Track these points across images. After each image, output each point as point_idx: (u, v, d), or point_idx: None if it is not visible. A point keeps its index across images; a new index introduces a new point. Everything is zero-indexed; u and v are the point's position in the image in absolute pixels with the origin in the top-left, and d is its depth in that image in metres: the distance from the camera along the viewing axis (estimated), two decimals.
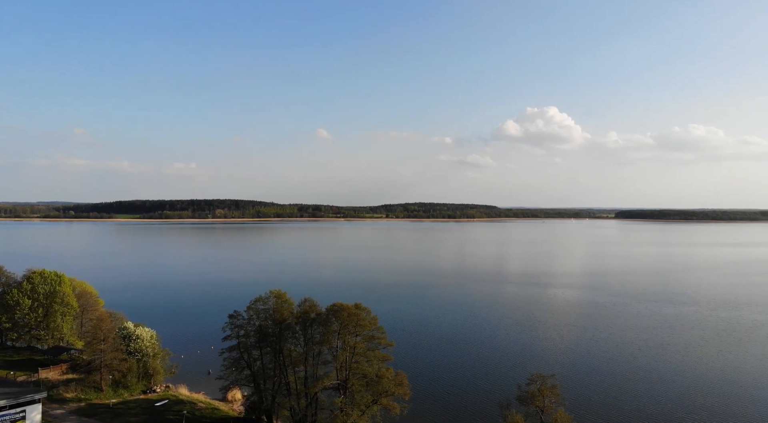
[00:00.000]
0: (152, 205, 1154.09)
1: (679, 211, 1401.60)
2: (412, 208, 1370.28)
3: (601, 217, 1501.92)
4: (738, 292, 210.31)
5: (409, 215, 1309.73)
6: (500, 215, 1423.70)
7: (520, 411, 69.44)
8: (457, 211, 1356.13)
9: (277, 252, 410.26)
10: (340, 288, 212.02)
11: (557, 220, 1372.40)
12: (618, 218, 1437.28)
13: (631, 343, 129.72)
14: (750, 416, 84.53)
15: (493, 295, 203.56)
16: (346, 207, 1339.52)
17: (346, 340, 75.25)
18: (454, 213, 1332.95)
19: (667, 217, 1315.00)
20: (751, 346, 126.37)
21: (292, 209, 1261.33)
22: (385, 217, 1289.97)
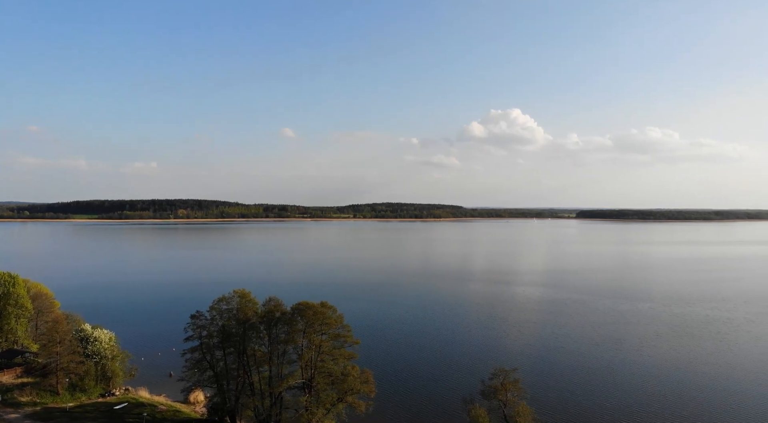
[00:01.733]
0: (111, 205, 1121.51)
1: (637, 210, 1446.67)
2: (380, 208, 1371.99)
3: (563, 217, 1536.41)
4: (691, 288, 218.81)
5: (376, 215, 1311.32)
6: (466, 215, 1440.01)
7: (483, 405, 70.63)
8: (424, 211, 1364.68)
9: (242, 252, 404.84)
10: (305, 287, 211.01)
11: (521, 219, 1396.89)
12: (579, 218, 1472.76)
13: (589, 339, 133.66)
14: (701, 406, 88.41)
15: (458, 293, 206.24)
16: (312, 207, 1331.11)
17: (311, 338, 75.15)
18: (420, 213, 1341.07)
19: (625, 217, 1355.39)
20: (703, 341, 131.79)
21: (258, 209, 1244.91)
22: (353, 217, 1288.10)
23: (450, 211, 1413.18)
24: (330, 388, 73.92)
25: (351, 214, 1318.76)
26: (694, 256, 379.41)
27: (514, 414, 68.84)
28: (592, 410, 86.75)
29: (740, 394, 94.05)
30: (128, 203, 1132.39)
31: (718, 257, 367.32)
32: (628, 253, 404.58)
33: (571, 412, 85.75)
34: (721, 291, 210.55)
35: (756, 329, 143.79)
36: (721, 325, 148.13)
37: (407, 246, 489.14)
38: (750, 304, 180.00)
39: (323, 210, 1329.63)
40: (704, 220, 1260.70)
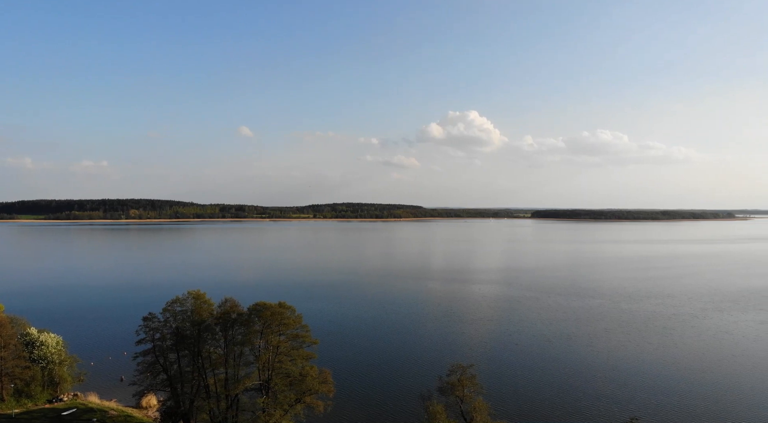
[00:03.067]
0: (59, 205, 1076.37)
1: (589, 210, 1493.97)
2: (340, 209, 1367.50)
3: (519, 217, 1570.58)
4: (639, 285, 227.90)
5: (336, 215, 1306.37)
6: (426, 215, 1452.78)
7: (441, 401, 71.43)
8: (385, 211, 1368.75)
9: (197, 253, 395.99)
10: (263, 288, 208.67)
11: (478, 219, 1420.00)
12: (534, 218, 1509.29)
13: (542, 335, 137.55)
14: (647, 398, 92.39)
15: (416, 292, 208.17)
16: (271, 207, 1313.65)
17: (269, 339, 74.36)
18: (381, 213, 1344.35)
19: (578, 217, 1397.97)
20: (649, 336, 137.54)
21: (213, 209, 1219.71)
22: (313, 218, 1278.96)
23: (410, 211, 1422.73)
24: (288, 389, 73.35)
25: (311, 215, 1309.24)
26: (641, 254, 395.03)
27: (471, 409, 69.89)
28: (545, 403, 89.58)
29: (684, 386, 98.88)
30: (77, 203, 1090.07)
31: (664, 255, 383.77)
32: (579, 252, 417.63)
33: (525, 406, 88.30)
34: (666, 288, 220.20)
35: (699, 324, 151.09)
36: (667, 321, 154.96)
37: (367, 246, 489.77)
38: (694, 300, 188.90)
39: (282, 210, 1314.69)
40: (652, 220, 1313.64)
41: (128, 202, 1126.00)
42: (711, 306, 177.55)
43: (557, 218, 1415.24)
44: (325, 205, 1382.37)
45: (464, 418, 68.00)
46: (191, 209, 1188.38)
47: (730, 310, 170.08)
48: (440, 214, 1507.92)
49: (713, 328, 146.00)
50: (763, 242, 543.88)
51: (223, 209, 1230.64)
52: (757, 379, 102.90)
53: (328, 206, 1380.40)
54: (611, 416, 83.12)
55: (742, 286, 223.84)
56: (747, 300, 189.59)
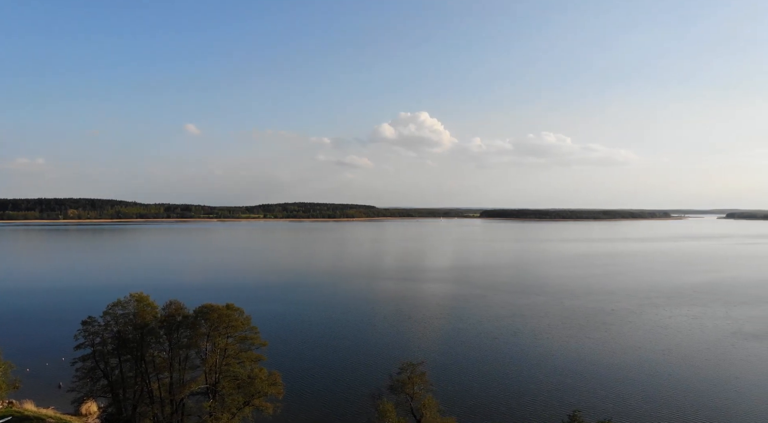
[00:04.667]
0: None
1: (535, 210, 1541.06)
2: (292, 208, 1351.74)
3: (468, 217, 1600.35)
4: (580, 282, 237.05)
5: (288, 215, 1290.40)
6: (378, 215, 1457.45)
7: (391, 399, 71.95)
8: (337, 210, 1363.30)
9: (140, 254, 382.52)
10: (210, 290, 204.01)
11: (430, 219, 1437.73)
12: (483, 217, 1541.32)
13: (488, 332, 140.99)
14: (587, 392, 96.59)
15: (368, 291, 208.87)
16: (219, 207, 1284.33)
17: (216, 342, 72.92)
18: (334, 213, 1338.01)
19: (524, 216, 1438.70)
20: (590, 331, 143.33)
21: (158, 209, 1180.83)
22: (263, 218, 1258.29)
23: (363, 211, 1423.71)
24: (236, 392, 72.21)
25: (261, 215, 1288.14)
26: (583, 252, 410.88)
27: (420, 406, 70.76)
28: (491, 398, 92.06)
29: (623, 378, 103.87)
30: (11, 202, 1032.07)
31: (604, 253, 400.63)
32: (525, 250, 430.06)
33: (472, 402, 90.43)
34: (606, 284, 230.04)
35: (636, 319, 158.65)
36: (606, 316, 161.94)
37: (319, 246, 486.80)
38: (631, 297, 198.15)
39: (231, 210, 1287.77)
40: (594, 219, 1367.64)
41: (66, 201, 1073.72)
42: (647, 302, 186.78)
43: (505, 218, 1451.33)
44: (276, 205, 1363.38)
45: (414, 416, 68.80)
46: (134, 209, 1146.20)
47: (665, 306, 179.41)
48: (393, 214, 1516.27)
49: (649, 322, 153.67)
50: (695, 240, 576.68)
51: (168, 209, 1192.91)
52: (689, 370, 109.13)
53: (279, 206, 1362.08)
54: (553, 409, 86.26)
55: (675, 283, 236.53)
56: (680, 296, 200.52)
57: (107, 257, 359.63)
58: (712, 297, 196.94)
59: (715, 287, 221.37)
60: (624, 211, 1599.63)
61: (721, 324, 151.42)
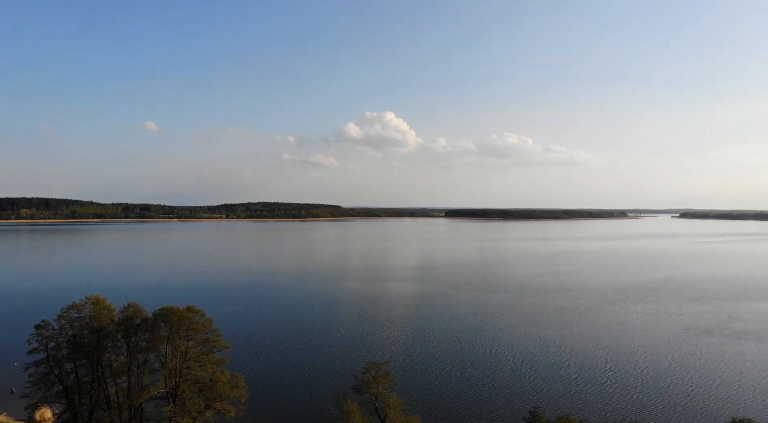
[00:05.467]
0: None
1: (498, 210, 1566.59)
2: (255, 208, 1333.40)
3: (433, 216, 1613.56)
4: (541, 280, 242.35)
5: (251, 215, 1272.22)
6: (344, 215, 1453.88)
7: (356, 399, 72.01)
8: (302, 210, 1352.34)
9: (97, 256, 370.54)
10: (170, 292, 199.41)
11: (395, 218, 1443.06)
12: (447, 217, 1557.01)
13: (451, 330, 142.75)
14: (547, 389, 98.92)
15: (332, 291, 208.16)
16: (180, 207, 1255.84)
17: (176, 345, 71.54)
18: (299, 212, 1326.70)
19: (488, 216, 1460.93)
20: (550, 328, 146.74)
21: (116, 209, 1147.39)
22: (225, 218, 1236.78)
23: (328, 211, 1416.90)
24: (197, 396, 70.94)
25: (224, 215, 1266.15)
26: (544, 251, 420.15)
27: (384, 406, 70.99)
28: (453, 397, 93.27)
29: (581, 375, 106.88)
30: None
31: (564, 252, 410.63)
32: (488, 249, 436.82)
33: (435, 400, 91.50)
34: (566, 282, 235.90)
35: (594, 316, 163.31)
36: (566, 314, 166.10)
37: (283, 246, 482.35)
38: (589, 294, 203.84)
39: (192, 210, 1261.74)
40: (554, 219, 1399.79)
41: (18, 200, 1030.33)
42: (604, 299, 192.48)
43: (469, 217, 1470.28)
44: (239, 205, 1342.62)
45: (378, 416, 69.02)
46: (90, 209, 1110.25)
47: (621, 303, 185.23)
48: (359, 214, 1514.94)
49: (606, 319, 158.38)
50: (650, 239, 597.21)
51: (126, 209, 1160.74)
52: (644, 365, 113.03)
53: (243, 206, 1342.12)
54: (515, 406, 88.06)
55: (631, 280, 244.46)
56: (636, 293, 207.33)
57: (62, 259, 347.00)
58: (666, 294, 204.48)
59: (668, 284, 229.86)
60: (583, 211, 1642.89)
61: (674, 320, 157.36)
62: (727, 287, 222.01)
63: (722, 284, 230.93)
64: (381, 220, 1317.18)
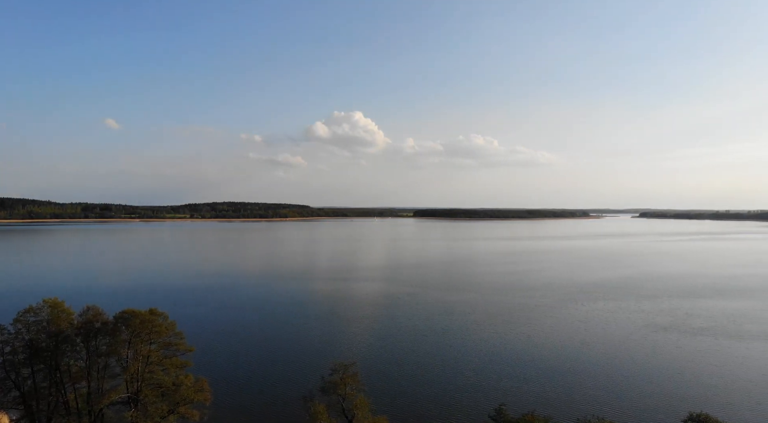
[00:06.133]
0: None
1: (465, 210, 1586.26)
2: (221, 208, 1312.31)
3: (402, 216, 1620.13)
4: (506, 279, 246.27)
5: (217, 215, 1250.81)
6: (313, 215, 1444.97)
7: (323, 401, 71.85)
8: (270, 210, 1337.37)
9: (55, 258, 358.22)
10: (132, 294, 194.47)
11: (364, 218, 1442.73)
12: (415, 217, 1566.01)
13: (418, 330, 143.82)
14: (512, 387, 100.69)
15: (299, 292, 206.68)
16: (142, 207, 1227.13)
17: (138, 349, 70.08)
18: (266, 212, 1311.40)
19: (455, 216, 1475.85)
20: (515, 326, 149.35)
21: (75, 209, 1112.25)
22: (190, 218, 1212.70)
23: (296, 211, 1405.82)
24: (160, 400, 69.63)
25: (188, 215, 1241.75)
26: (508, 250, 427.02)
27: (352, 407, 71.08)
28: (420, 396, 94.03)
29: (545, 372, 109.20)
30: None
31: (529, 251, 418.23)
32: (455, 248, 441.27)
33: (403, 399, 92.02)
34: (530, 281, 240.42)
35: (558, 314, 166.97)
36: (530, 312, 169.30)
37: (249, 247, 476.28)
38: (553, 292, 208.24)
39: (155, 210, 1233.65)
40: (519, 219, 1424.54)
41: None
42: (567, 297, 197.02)
43: (437, 217, 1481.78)
44: (203, 205, 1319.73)
45: (346, 416, 69.07)
46: (48, 209, 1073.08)
47: (583, 301, 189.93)
48: (327, 214, 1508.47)
49: (569, 317, 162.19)
50: (611, 238, 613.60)
51: (85, 209, 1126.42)
52: (605, 362, 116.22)
53: (208, 205, 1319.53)
54: (481, 404, 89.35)
55: (593, 278, 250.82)
56: (598, 291, 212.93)
57: (18, 261, 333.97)
58: (625, 292, 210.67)
59: (628, 282, 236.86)
60: (547, 211, 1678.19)
61: (634, 317, 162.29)
62: (684, 285, 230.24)
63: (679, 282, 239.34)
64: (350, 220, 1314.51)
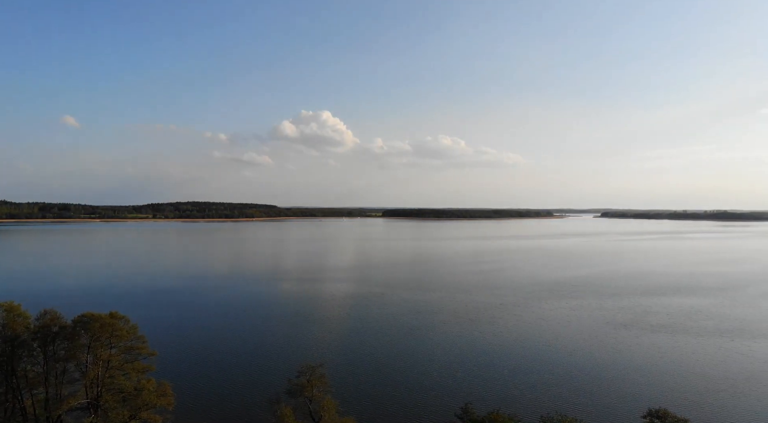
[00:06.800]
0: None
1: (433, 209, 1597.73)
2: (185, 208, 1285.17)
3: (371, 216, 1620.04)
4: (472, 278, 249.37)
5: (180, 215, 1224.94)
6: (280, 214, 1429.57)
7: (290, 403, 71.43)
8: (235, 210, 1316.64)
9: (10, 259, 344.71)
10: (91, 297, 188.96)
11: (333, 218, 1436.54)
12: (385, 217, 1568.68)
13: (386, 330, 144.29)
14: (476, 387, 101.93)
15: (265, 293, 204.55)
16: (103, 206, 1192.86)
17: (98, 353, 68.27)
18: (231, 212, 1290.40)
19: (423, 216, 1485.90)
20: (480, 325, 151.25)
21: (32, 209, 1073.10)
22: (152, 218, 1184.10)
23: (263, 211, 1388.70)
24: (121, 406, 67.96)
25: (150, 215, 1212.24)
26: (475, 249, 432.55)
27: (319, 408, 70.89)
28: (386, 397, 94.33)
29: (508, 371, 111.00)
30: None
31: (494, 250, 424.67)
32: (423, 248, 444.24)
33: (370, 400, 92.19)
34: (495, 280, 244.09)
35: (522, 312, 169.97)
36: (495, 310, 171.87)
37: (215, 247, 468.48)
38: (517, 291, 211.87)
39: (116, 210, 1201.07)
40: (485, 218, 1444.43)
41: None
42: (531, 295, 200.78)
43: (405, 217, 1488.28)
44: (166, 205, 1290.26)
45: (313, 419, 68.90)
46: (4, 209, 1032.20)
47: (547, 299, 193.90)
48: (295, 214, 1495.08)
49: (533, 315, 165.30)
50: (574, 237, 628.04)
51: (43, 209, 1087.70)
52: (568, 359, 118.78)
53: (171, 205, 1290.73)
54: (448, 403, 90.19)
55: (556, 277, 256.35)
56: (561, 289, 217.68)
57: None
58: (588, 290, 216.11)
59: (590, 281, 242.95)
60: (512, 211, 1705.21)
61: (596, 315, 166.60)
62: (643, 283, 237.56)
63: (639, 280, 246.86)
64: (318, 220, 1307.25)
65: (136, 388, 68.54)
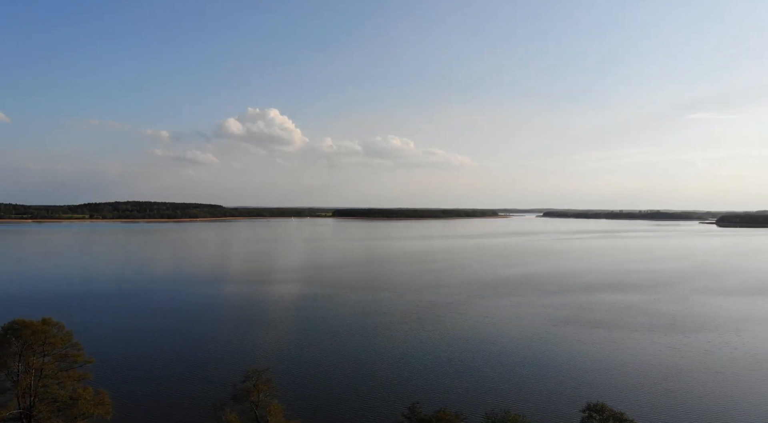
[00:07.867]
0: None
1: (382, 209, 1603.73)
2: (124, 208, 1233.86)
3: (321, 216, 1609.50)
4: (420, 278, 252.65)
5: (119, 216, 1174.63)
6: (225, 215, 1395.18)
7: (235, 409, 70.38)
8: (178, 210, 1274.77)
9: None
10: (23, 303, 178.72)
11: (281, 218, 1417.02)
12: (335, 217, 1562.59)
13: (333, 331, 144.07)
14: (424, 385, 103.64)
15: (209, 296, 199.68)
16: (35, 206, 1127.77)
17: (30, 362, 65.11)
18: (174, 213, 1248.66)
19: (373, 216, 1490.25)
20: (427, 324, 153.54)
21: None
22: (89, 219, 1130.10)
23: (208, 211, 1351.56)
24: (55, 416, 65.05)
25: (87, 215, 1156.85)
26: (424, 249, 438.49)
27: (266, 413, 70.22)
28: (334, 399, 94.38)
29: (455, 368, 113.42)
30: None
31: (442, 249, 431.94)
32: (372, 248, 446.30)
33: (317, 403, 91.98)
34: (442, 279, 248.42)
35: (467, 310, 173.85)
36: (441, 309, 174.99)
37: (155, 249, 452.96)
38: (463, 289, 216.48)
39: (50, 210, 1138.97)
40: (434, 218, 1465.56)
41: None
42: (476, 294, 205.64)
43: (355, 217, 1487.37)
44: (104, 204, 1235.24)
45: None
46: None
47: (491, 297, 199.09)
48: (241, 214, 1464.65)
49: (478, 313, 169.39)
50: (517, 236, 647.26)
51: None
52: (512, 355, 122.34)
53: (109, 205, 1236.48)
54: (394, 404, 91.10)
55: (500, 275, 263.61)
56: (504, 287, 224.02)
57: None
58: (530, 287, 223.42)
59: (532, 279, 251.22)
60: (459, 211, 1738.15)
61: (538, 311, 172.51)
62: (582, 280, 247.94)
63: (578, 277, 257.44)
64: (266, 220, 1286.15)
65: (72, 397, 65.75)
